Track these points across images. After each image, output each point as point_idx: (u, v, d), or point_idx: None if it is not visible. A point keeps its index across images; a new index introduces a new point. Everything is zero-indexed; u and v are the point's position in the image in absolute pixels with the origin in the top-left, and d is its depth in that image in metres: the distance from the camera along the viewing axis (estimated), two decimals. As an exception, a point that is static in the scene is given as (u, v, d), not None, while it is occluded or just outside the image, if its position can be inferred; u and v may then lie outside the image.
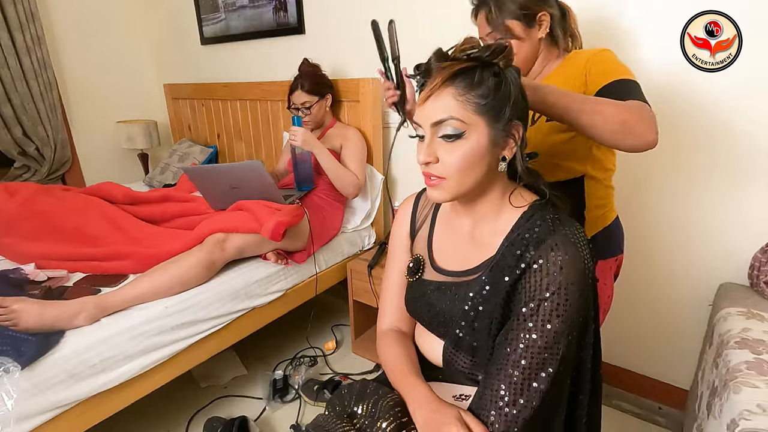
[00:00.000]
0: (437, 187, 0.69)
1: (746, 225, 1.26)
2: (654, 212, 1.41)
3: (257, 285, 1.43)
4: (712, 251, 1.34)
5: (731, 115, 1.22)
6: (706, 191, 1.31)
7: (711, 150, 1.27)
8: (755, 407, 0.79)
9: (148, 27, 2.81)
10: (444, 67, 0.65)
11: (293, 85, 1.76)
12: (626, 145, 0.79)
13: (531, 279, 0.63)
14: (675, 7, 1.16)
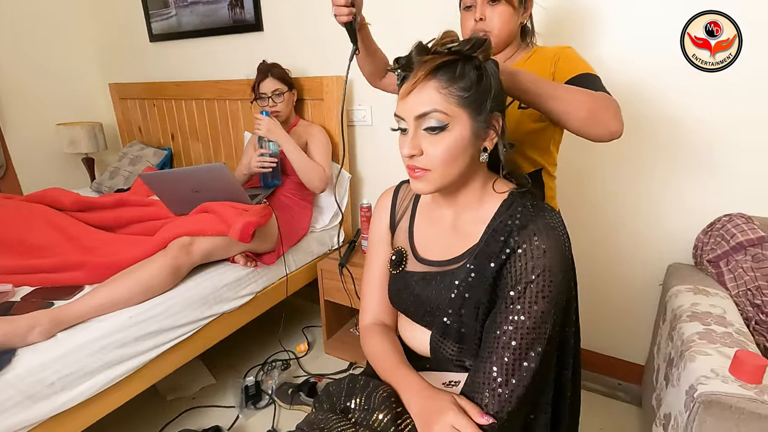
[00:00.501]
0: (422, 179, 0.70)
1: (690, 209, 1.37)
2: (607, 200, 1.50)
3: (226, 289, 1.39)
4: (661, 235, 1.45)
5: (683, 111, 1.33)
6: (653, 180, 1.41)
7: (659, 144, 1.38)
8: (710, 372, 0.86)
9: (91, 23, 2.63)
10: (426, 61, 0.66)
11: (261, 75, 1.71)
12: (593, 133, 0.83)
13: (516, 263, 0.66)
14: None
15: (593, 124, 0.81)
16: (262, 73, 1.70)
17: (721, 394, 0.80)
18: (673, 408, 0.96)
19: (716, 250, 1.27)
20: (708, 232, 1.32)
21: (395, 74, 0.72)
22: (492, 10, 0.97)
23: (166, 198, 1.51)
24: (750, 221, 1.24)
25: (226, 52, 2.19)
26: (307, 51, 1.93)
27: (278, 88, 1.70)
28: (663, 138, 1.36)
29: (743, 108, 1.24)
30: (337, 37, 1.82)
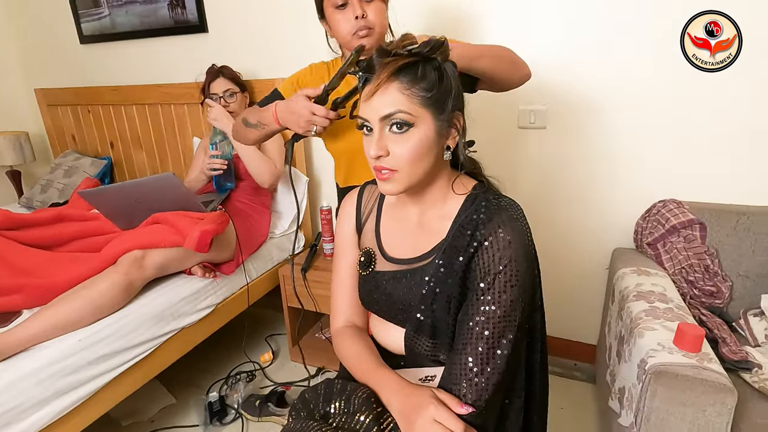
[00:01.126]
0: (390, 180, 0.71)
1: (630, 198, 1.49)
2: (555, 192, 1.59)
3: (184, 303, 1.32)
4: (605, 223, 1.55)
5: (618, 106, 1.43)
6: (596, 172, 1.52)
7: (600, 137, 1.48)
8: (657, 345, 0.94)
9: (10, 24, 2.40)
10: (387, 63, 0.67)
11: (211, 76, 1.65)
12: (516, 78, 0.96)
13: (484, 256, 0.68)
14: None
15: (517, 69, 0.95)
16: (212, 74, 1.65)
17: (668, 365, 0.88)
18: (626, 381, 1.04)
19: (654, 234, 1.39)
20: (646, 217, 1.43)
21: (357, 76, 0.73)
22: (368, 6, 0.98)
23: (111, 213, 1.41)
24: (681, 206, 1.36)
25: (168, 54, 2.09)
26: (257, 53, 1.88)
27: (230, 88, 1.65)
28: (603, 131, 1.47)
29: (663, 102, 1.36)
30: (287, 38, 1.80)
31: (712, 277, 1.29)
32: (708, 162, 1.37)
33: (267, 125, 1.01)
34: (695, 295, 1.31)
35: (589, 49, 1.41)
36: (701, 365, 0.87)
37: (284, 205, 1.84)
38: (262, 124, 1.01)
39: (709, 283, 1.29)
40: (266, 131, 1.03)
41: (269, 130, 1.02)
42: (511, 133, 1.58)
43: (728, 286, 1.29)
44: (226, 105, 1.64)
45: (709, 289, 1.29)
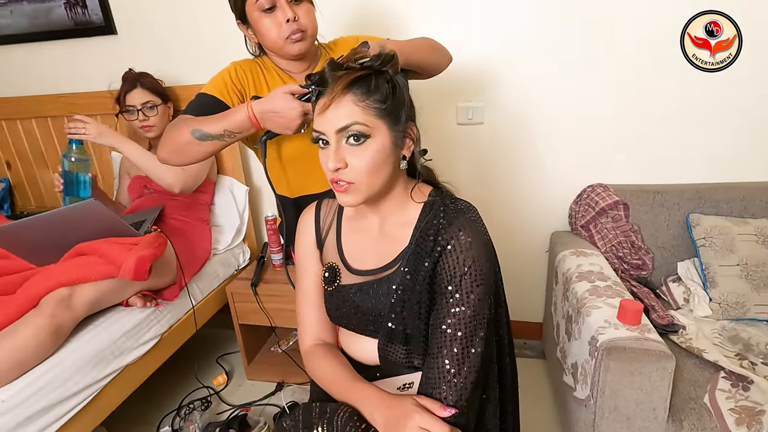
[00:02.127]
0: (348, 192, 0.70)
1: (564, 184, 1.60)
2: (495, 181, 1.67)
3: (125, 339, 1.20)
4: (543, 209, 1.66)
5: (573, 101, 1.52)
6: (534, 162, 1.61)
7: (538, 131, 1.57)
8: (604, 323, 1.03)
9: None
10: (340, 76, 0.66)
11: (127, 85, 1.49)
12: (445, 63, 1.03)
13: (448, 259, 0.70)
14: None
15: (443, 56, 1.02)
16: (129, 82, 1.49)
17: (616, 340, 0.96)
18: (578, 358, 1.13)
19: (585, 217, 1.51)
20: (578, 201, 1.56)
21: (309, 90, 0.71)
22: (297, 8, 0.93)
23: (26, 252, 1.23)
24: (606, 189, 1.49)
25: (69, 59, 1.86)
26: (178, 56, 1.74)
27: (150, 100, 1.50)
28: (536, 125, 1.56)
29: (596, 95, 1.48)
30: (212, 39, 1.68)
31: (637, 252, 1.44)
32: (627, 148, 1.51)
33: (239, 132, 0.88)
34: (625, 269, 1.45)
35: (524, 48, 1.48)
36: (643, 337, 0.96)
37: (224, 218, 1.74)
38: (232, 132, 0.87)
39: (635, 258, 1.43)
40: (234, 140, 0.90)
41: (238, 138, 0.90)
42: (450, 130, 1.62)
43: (651, 258, 1.44)
44: (145, 119, 1.49)
45: (636, 262, 1.43)
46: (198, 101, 0.96)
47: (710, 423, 0.94)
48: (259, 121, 0.86)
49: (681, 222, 1.44)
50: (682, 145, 1.48)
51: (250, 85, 0.99)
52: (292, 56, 0.97)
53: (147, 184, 1.58)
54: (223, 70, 1.00)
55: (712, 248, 1.33)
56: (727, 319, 1.27)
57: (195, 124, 0.88)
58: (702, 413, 0.96)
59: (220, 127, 0.87)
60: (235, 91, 0.97)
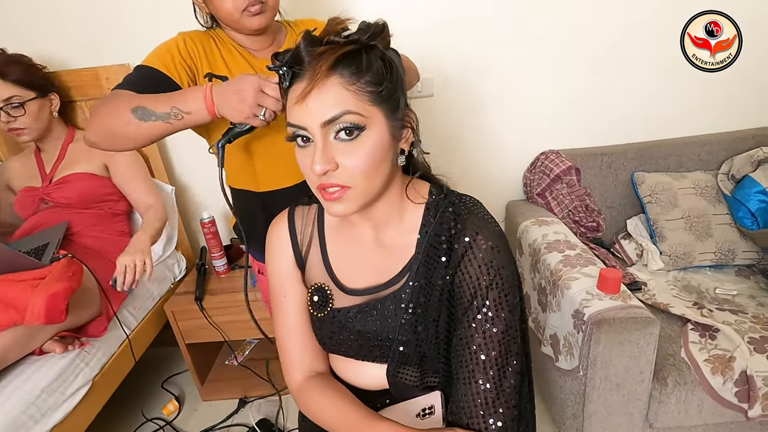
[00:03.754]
0: (342, 200, 0.57)
1: (516, 152, 1.58)
2: (449, 155, 1.60)
3: (46, 395, 0.97)
4: (496, 179, 1.64)
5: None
6: (485, 132, 1.57)
7: (490, 101, 1.51)
8: (586, 294, 1.03)
9: None
10: (322, 53, 0.52)
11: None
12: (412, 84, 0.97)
13: (469, 269, 0.61)
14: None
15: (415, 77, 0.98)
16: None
17: (603, 312, 0.96)
18: (559, 330, 1.13)
19: (541, 184, 1.51)
20: (532, 170, 1.55)
21: (278, 74, 0.55)
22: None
23: None
24: (559, 155, 1.50)
25: None
26: (66, 31, 1.38)
27: (16, 95, 1.18)
28: (487, 95, 1.51)
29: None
30: (105, 10, 1.36)
31: (591, 214, 1.48)
32: (575, 115, 1.53)
33: (189, 113, 0.72)
34: (582, 232, 1.48)
35: (465, 18, 1.39)
36: (627, 305, 0.97)
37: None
38: (181, 111, 0.72)
39: (590, 220, 1.47)
40: (181, 124, 0.73)
41: (187, 122, 0.73)
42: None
43: (603, 218, 1.50)
44: (11, 120, 1.18)
45: (591, 224, 1.47)
46: (137, 74, 0.80)
47: (690, 376, 0.99)
48: (214, 103, 0.70)
49: (626, 181, 1.50)
50: (623, 106, 1.52)
51: (202, 60, 0.83)
52: (251, 31, 0.83)
53: (44, 197, 1.28)
54: (169, 41, 0.84)
55: (657, 204, 1.40)
56: (676, 269, 1.36)
57: (136, 101, 0.73)
58: (681, 368, 1.01)
59: (167, 104, 0.72)
60: (184, 66, 0.81)
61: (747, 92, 1.47)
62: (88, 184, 1.29)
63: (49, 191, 1.27)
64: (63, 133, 1.33)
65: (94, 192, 1.31)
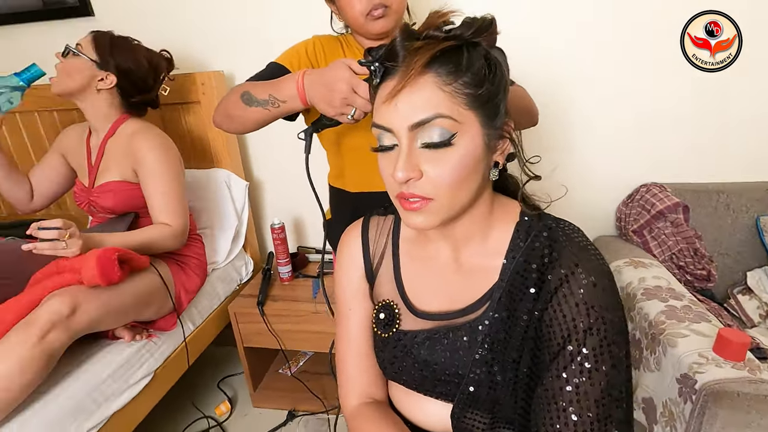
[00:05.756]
0: (422, 212, 0.51)
1: (608, 184, 1.42)
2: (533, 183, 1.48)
3: (111, 381, 0.99)
4: (585, 211, 1.47)
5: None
6: (574, 157, 1.43)
7: (583, 127, 1.38)
8: (698, 357, 0.85)
9: None
10: (418, 48, 0.47)
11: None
12: (529, 124, 0.92)
13: (563, 307, 0.51)
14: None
15: (530, 117, 0.90)
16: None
17: (723, 382, 0.78)
18: (656, 394, 0.95)
19: (639, 220, 1.33)
20: (628, 203, 1.38)
21: (369, 69, 0.50)
22: None
23: None
24: (664, 189, 1.31)
25: (40, 46, 1.61)
26: (166, 41, 1.50)
27: (80, 45, 1.13)
28: (580, 121, 1.37)
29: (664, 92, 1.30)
30: (207, 22, 1.46)
31: (701, 260, 1.26)
32: (683, 144, 1.33)
33: (284, 101, 0.75)
34: (687, 281, 1.27)
35: (560, 36, 1.29)
36: (758, 378, 0.79)
37: (218, 219, 1.49)
38: (277, 100, 0.75)
39: (699, 267, 1.26)
40: (278, 111, 0.77)
41: (284, 110, 0.76)
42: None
43: (715, 267, 1.27)
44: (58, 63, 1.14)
45: (701, 272, 1.26)
46: (266, 69, 0.90)
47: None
48: (306, 91, 0.71)
49: (749, 226, 1.27)
50: (747, 138, 1.30)
51: (325, 63, 0.87)
52: (374, 35, 0.85)
53: (90, 201, 1.20)
54: (300, 43, 0.92)
55: (790, 256, 1.16)
56: (814, 339, 1.10)
57: (246, 87, 0.81)
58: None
59: (265, 92, 0.77)
60: (308, 65, 0.88)
61: None
62: (124, 196, 1.17)
63: (93, 198, 1.20)
64: (112, 117, 1.19)
65: (133, 203, 1.19)
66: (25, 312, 0.87)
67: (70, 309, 0.88)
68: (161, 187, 1.14)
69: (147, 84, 1.21)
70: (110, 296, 0.96)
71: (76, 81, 1.12)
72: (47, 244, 0.90)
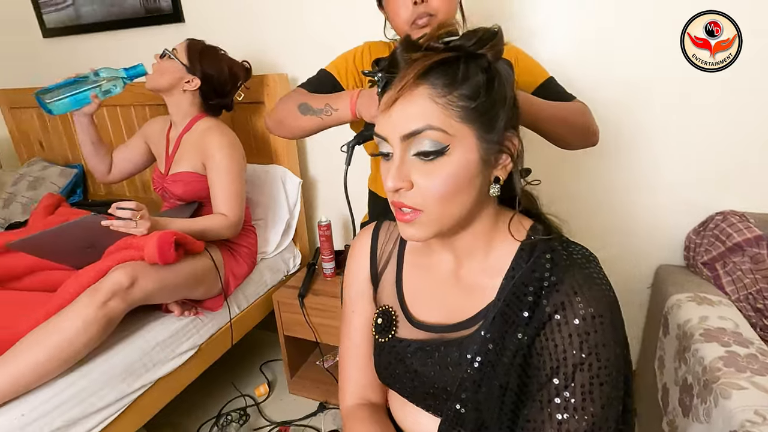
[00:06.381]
0: (413, 223, 0.51)
1: (677, 207, 1.28)
2: (588, 197, 1.38)
3: (159, 349, 1.11)
4: (648, 235, 1.35)
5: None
6: (635, 177, 1.31)
7: (645, 140, 1.27)
8: (754, 415, 0.74)
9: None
10: (416, 59, 0.47)
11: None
12: (584, 145, 0.90)
13: (555, 336, 0.48)
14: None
15: (587, 138, 0.89)
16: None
17: (779, 448, 0.68)
18: (703, 448, 0.85)
19: (711, 252, 1.18)
20: (700, 232, 1.23)
21: (375, 78, 0.52)
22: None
23: (61, 258, 1.18)
24: (745, 219, 1.15)
25: (141, 48, 1.83)
26: (242, 45, 1.64)
27: (176, 51, 1.27)
28: (649, 134, 1.26)
29: (734, 106, 1.15)
30: (277, 28, 1.57)
31: (785, 305, 1.09)
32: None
33: (336, 110, 0.83)
34: (763, 326, 1.11)
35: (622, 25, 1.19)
36: (825, 450, 0.67)
37: (272, 212, 1.59)
38: (331, 108, 0.84)
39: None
40: (330, 120, 0.85)
41: (335, 119, 0.85)
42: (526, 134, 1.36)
43: (804, 314, 1.09)
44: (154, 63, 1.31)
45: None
46: (316, 76, 0.98)
47: None
48: (356, 104, 0.79)
49: None
50: None
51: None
52: None
53: (164, 187, 1.35)
54: (350, 50, 0.98)
55: None
56: None
57: (303, 98, 0.89)
58: None
59: (324, 102, 0.85)
60: (354, 74, 0.94)
61: None
62: (192, 186, 1.29)
63: (166, 185, 1.32)
64: (191, 115, 1.33)
65: (199, 193, 1.31)
66: (96, 278, 1.01)
67: (130, 281, 1.00)
68: (224, 181, 1.26)
69: (225, 90, 1.35)
70: (166, 274, 1.08)
71: (167, 80, 1.27)
72: (121, 222, 1.04)
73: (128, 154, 1.45)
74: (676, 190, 1.27)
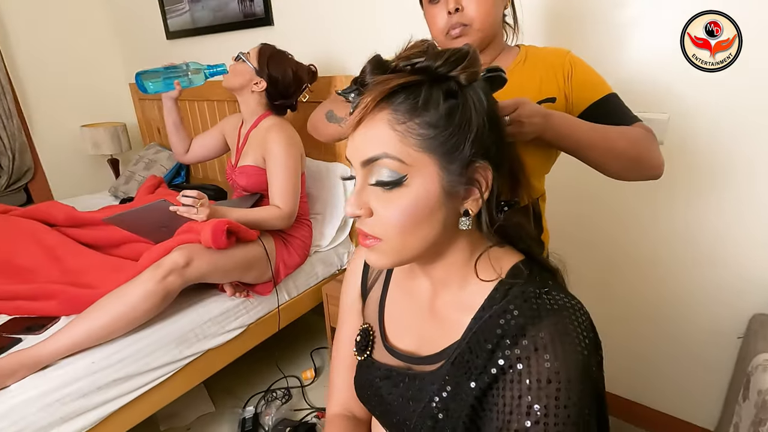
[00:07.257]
0: (374, 249, 0.50)
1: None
2: (680, 222, 1.19)
3: (210, 324, 1.24)
4: (745, 275, 1.13)
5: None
6: (740, 202, 1.10)
7: (728, 169, 1.06)
8: None
9: (111, 22, 2.59)
10: (379, 82, 0.45)
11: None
12: (634, 178, 0.78)
13: (505, 394, 0.44)
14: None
15: (638, 172, 0.77)
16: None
17: None
18: None
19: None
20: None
21: (346, 99, 0.51)
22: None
23: (144, 234, 1.37)
24: None
25: (236, 48, 2.03)
26: (318, 48, 1.73)
27: (249, 55, 1.39)
28: (737, 151, 1.04)
29: None
30: (350, 33, 1.62)
31: None
32: None
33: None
34: None
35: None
36: None
37: (330, 208, 1.66)
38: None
39: None
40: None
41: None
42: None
43: None
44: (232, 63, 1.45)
45: None
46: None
47: None
48: None
49: None
50: None
51: None
52: None
53: (232, 177, 1.49)
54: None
55: None
56: None
57: (331, 105, 0.92)
58: None
59: (346, 110, 0.84)
60: None
61: None
62: (254, 179, 1.41)
63: (234, 176, 1.47)
64: (258, 113, 1.44)
65: (260, 186, 1.43)
66: (162, 255, 1.16)
67: (186, 261, 1.13)
68: (280, 176, 1.36)
69: (289, 92, 1.45)
70: (219, 257, 1.20)
71: (238, 81, 1.41)
72: (184, 208, 1.18)
73: (205, 141, 1.64)
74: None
